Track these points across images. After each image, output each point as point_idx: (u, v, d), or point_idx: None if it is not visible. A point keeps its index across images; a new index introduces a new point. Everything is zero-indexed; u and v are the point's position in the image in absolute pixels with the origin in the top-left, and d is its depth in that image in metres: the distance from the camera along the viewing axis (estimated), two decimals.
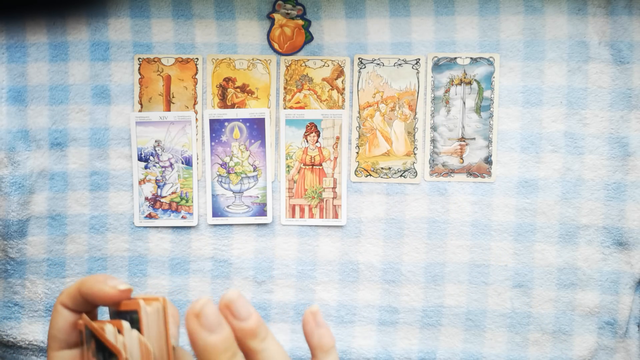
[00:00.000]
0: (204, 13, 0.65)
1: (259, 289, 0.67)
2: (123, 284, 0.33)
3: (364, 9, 0.65)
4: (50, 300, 0.67)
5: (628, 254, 0.65)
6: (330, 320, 0.67)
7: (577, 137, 0.65)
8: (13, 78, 0.65)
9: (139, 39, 0.66)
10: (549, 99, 0.65)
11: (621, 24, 0.64)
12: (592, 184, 0.65)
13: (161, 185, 0.67)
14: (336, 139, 0.67)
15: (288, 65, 0.66)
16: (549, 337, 0.66)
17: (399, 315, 0.67)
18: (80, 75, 0.66)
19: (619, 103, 0.64)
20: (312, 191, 0.67)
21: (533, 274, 0.66)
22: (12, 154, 0.64)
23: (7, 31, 0.65)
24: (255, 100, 0.67)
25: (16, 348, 0.67)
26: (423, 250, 0.66)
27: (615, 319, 0.66)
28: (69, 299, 0.35)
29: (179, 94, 0.67)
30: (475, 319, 0.66)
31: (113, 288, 0.33)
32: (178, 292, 0.67)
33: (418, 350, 0.66)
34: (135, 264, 0.67)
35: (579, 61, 0.64)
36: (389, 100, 0.66)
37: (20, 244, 0.66)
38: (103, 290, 0.33)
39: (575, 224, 0.65)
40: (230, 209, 0.67)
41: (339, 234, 0.67)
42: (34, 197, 0.66)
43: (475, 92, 0.66)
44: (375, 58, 0.66)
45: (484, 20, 0.64)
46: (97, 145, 0.66)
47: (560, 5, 0.64)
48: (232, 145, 0.67)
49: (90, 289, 0.34)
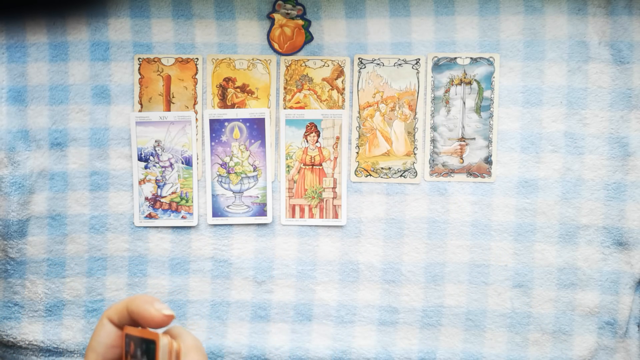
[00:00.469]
0: (204, 13, 0.65)
1: (259, 289, 0.67)
2: (167, 310, 0.36)
3: (364, 9, 0.65)
4: (50, 300, 0.67)
5: (628, 254, 0.65)
6: (330, 320, 0.67)
7: (577, 137, 0.65)
8: (13, 78, 0.65)
9: (139, 39, 0.66)
10: (549, 99, 0.65)
11: (621, 24, 0.64)
12: (592, 184, 0.65)
13: (161, 185, 0.67)
14: (336, 139, 0.67)
15: (288, 65, 0.66)
16: (549, 337, 0.66)
17: (399, 315, 0.67)
18: (80, 75, 0.66)
19: (619, 103, 0.64)
20: (312, 191, 0.67)
21: (533, 274, 0.66)
22: (12, 154, 0.64)
23: (7, 31, 0.65)
24: (255, 100, 0.67)
25: (16, 348, 0.67)
26: (423, 250, 0.66)
27: (615, 319, 0.66)
28: (116, 314, 0.37)
29: (179, 94, 0.67)
30: (475, 319, 0.66)
31: (158, 311, 0.36)
32: (178, 292, 0.67)
33: (418, 350, 0.66)
34: (135, 264, 0.67)
35: (579, 61, 0.64)
36: (389, 100, 0.66)
37: (20, 244, 0.66)
38: (149, 311, 0.36)
39: (575, 224, 0.65)
40: (230, 209, 0.67)
41: (339, 234, 0.67)
42: (34, 197, 0.66)
43: (475, 92, 0.66)
44: (375, 58, 0.66)
45: (484, 20, 0.64)
46: (97, 145, 0.66)
47: (560, 5, 0.64)
48: (232, 145, 0.67)
49: (137, 308, 0.36)
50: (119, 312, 0.37)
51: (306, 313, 0.67)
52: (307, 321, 0.67)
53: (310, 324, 0.67)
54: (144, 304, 0.36)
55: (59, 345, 0.67)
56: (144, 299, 0.36)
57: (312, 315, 0.67)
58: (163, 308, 0.36)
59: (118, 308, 0.37)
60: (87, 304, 0.67)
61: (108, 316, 0.37)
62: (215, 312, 0.67)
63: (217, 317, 0.67)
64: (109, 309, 0.38)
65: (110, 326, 0.37)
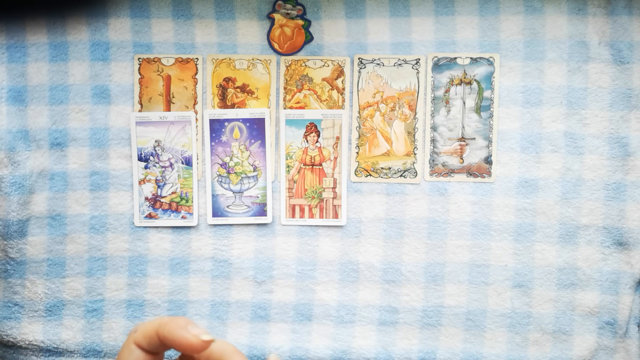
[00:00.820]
0: (204, 13, 0.65)
1: (259, 289, 0.67)
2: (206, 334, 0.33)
3: (364, 9, 0.65)
4: (50, 300, 0.67)
5: (628, 254, 0.65)
6: (330, 320, 0.67)
7: (577, 137, 0.65)
8: (13, 78, 0.65)
9: (139, 39, 0.66)
10: (549, 99, 0.65)
11: (621, 24, 0.64)
12: (592, 184, 0.65)
13: (161, 185, 0.67)
14: (336, 139, 0.67)
15: (288, 65, 0.66)
16: (549, 337, 0.66)
17: (399, 315, 0.67)
18: (80, 75, 0.66)
19: (619, 103, 0.64)
20: (312, 191, 0.67)
21: (533, 274, 0.66)
22: (12, 154, 0.64)
23: (7, 31, 0.65)
24: (255, 100, 0.67)
25: (16, 348, 0.67)
26: (423, 250, 0.66)
27: (615, 319, 0.66)
28: (145, 339, 0.34)
29: (179, 94, 0.67)
30: (475, 319, 0.66)
31: (196, 337, 0.33)
32: (178, 292, 0.67)
33: (418, 350, 0.66)
34: (135, 264, 0.67)
35: (579, 61, 0.64)
36: (389, 100, 0.66)
37: (20, 244, 0.66)
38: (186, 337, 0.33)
39: (575, 224, 0.65)
40: (230, 209, 0.67)
41: (339, 234, 0.67)
42: (34, 197, 0.66)
43: (475, 92, 0.66)
44: (375, 58, 0.66)
45: (484, 20, 0.64)
46: (97, 145, 0.66)
47: (560, 5, 0.64)
48: (232, 145, 0.67)
49: (171, 334, 0.33)
50: (149, 337, 0.34)
51: (306, 313, 0.67)
52: (307, 321, 0.67)
53: (310, 324, 0.67)
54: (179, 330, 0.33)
55: (59, 345, 0.67)
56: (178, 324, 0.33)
57: (312, 315, 0.67)
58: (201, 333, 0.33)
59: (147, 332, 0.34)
60: (87, 304, 0.67)
61: (136, 341, 0.34)
62: (215, 312, 0.67)
63: (217, 317, 0.67)
64: (136, 333, 0.34)
65: (139, 352, 0.34)
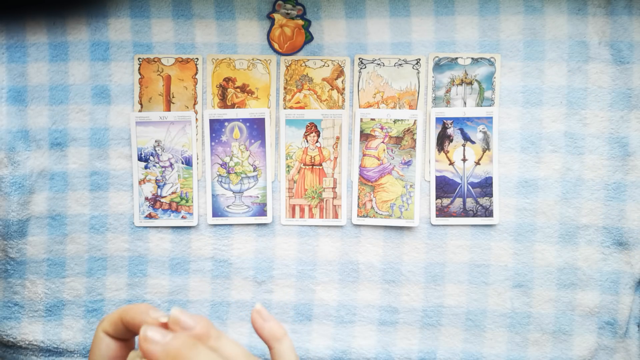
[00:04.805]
0: (204, 13, 0.65)
1: (259, 289, 0.67)
2: (164, 317, 0.34)
3: (364, 9, 0.65)
4: (50, 300, 0.67)
5: (628, 254, 0.65)
6: (330, 320, 0.67)
7: (577, 137, 0.65)
8: (13, 78, 0.65)
9: (139, 39, 0.66)
10: (549, 99, 0.65)
11: (621, 24, 0.64)
12: (592, 184, 0.65)
13: (161, 185, 0.67)
14: (336, 139, 0.67)
15: (288, 65, 0.66)
16: (549, 337, 0.66)
17: (399, 315, 0.67)
18: (80, 75, 0.66)
19: (619, 103, 0.64)
20: (312, 191, 0.67)
21: (533, 274, 0.66)
22: (12, 154, 0.64)
23: (7, 31, 0.65)
24: (255, 100, 0.67)
25: (16, 348, 0.67)
26: (423, 250, 0.66)
27: (615, 319, 0.66)
28: (111, 326, 0.36)
29: (179, 94, 0.67)
30: (475, 319, 0.66)
31: (155, 320, 0.34)
32: (178, 292, 0.67)
33: (418, 350, 0.66)
34: (135, 264, 0.67)
35: (579, 61, 0.64)
36: (390, 101, 0.66)
37: (20, 244, 0.66)
38: (145, 321, 0.34)
39: (575, 224, 0.65)
40: (230, 209, 0.67)
41: (339, 234, 0.67)
42: (34, 197, 0.66)
43: (476, 92, 0.66)
44: (376, 58, 0.66)
45: (484, 20, 0.64)
46: (97, 145, 0.66)
47: (560, 5, 0.64)
48: (232, 145, 0.67)
49: (132, 319, 0.35)
50: (114, 324, 0.36)
51: (306, 313, 0.67)
52: (307, 321, 0.67)
53: (310, 323, 0.67)
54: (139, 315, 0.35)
55: (59, 345, 0.67)
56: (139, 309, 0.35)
57: (312, 315, 0.67)
58: (160, 316, 0.34)
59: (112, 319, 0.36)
60: (87, 304, 0.67)
61: (103, 329, 0.37)
62: (215, 312, 0.67)
63: (217, 317, 0.67)
64: (103, 322, 0.37)
65: (108, 339, 0.37)
